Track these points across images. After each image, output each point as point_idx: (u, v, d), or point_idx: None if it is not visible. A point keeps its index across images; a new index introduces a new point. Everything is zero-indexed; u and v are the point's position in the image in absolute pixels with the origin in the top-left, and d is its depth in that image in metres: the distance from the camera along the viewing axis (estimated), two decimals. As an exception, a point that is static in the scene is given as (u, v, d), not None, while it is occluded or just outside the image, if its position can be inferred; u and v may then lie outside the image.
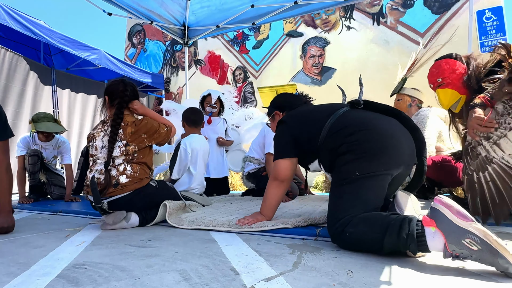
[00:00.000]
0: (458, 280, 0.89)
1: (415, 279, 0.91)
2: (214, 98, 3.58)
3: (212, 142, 3.48)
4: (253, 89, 6.88)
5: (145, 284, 0.90)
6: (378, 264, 1.05)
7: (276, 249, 1.25)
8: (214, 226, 1.68)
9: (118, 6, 3.87)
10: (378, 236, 1.11)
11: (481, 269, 0.98)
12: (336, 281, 0.90)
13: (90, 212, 2.30)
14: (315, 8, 4.02)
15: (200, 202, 2.35)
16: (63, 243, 1.42)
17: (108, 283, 0.92)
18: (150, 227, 1.80)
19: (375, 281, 0.89)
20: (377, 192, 1.31)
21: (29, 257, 1.19)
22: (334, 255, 1.15)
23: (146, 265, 1.07)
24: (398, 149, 1.34)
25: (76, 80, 5.60)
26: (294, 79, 6.45)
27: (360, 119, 1.43)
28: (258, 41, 6.97)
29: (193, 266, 1.06)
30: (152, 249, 1.30)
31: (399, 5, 5.78)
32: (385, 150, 1.32)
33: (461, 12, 5.31)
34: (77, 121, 5.58)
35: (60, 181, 3.50)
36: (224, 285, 0.88)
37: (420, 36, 5.55)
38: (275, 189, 1.61)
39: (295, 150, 1.57)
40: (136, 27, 8.40)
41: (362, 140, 1.35)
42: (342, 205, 1.28)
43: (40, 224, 1.97)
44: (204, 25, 4.61)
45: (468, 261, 0.95)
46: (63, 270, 1.04)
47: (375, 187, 1.31)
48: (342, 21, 6.20)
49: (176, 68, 7.83)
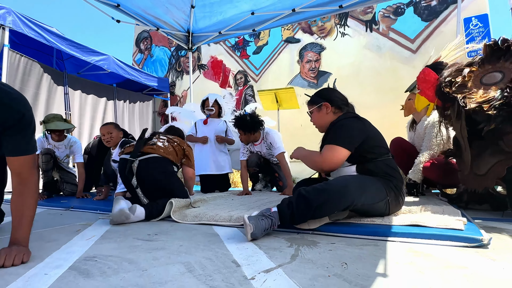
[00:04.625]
0: (448, 272, 0.89)
1: (406, 271, 0.91)
2: (211, 101, 3.61)
3: (212, 141, 3.50)
4: (253, 92, 6.88)
5: (152, 275, 0.90)
6: (371, 256, 1.05)
7: (274, 243, 1.25)
8: (216, 221, 1.68)
9: (126, 14, 3.87)
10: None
11: (474, 261, 0.98)
12: (332, 272, 0.90)
13: (100, 208, 2.31)
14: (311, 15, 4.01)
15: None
16: (74, 237, 1.42)
17: (117, 274, 0.92)
18: (156, 222, 1.80)
19: (368, 273, 0.89)
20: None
21: (42, 250, 1.19)
22: (330, 248, 1.15)
23: (152, 258, 1.07)
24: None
25: (86, 83, 5.60)
26: (292, 82, 6.45)
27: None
28: (258, 46, 6.96)
29: (197, 258, 1.06)
30: (159, 242, 1.30)
31: (391, 12, 5.78)
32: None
33: (449, 19, 5.31)
34: (88, 122, 5.58)
35: (72, 179, 3.50)
36: (226, 277, 0.88)
37: (411, 42, 5.55)
38: (314, 166, 1.66)
39: (355, 147, 1.56)
40: (143, 33, 8.40)
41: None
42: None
43: (53, 219, 1.97)
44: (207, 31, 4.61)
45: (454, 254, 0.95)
46: (75, 262, 1.04)
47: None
48: (337, 28, 6.20)
49: (181, 72, 7.83)
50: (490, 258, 1.01)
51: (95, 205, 2.46)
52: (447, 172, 2.27)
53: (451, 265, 0.95)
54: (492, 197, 1.96)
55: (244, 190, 3.04)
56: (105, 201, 2.75)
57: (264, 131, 3.18)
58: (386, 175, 1.53)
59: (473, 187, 1.78)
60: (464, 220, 1.37)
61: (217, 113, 3.65)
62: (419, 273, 0.88)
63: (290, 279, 0.85)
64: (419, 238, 1.24)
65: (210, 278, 0.87)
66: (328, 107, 1.76)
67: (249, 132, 3.04)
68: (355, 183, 1.42)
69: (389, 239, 1.26)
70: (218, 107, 3.65)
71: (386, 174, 1.53)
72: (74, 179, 3.50)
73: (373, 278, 0.85)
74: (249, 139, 3.11)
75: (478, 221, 1.59)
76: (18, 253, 1.03)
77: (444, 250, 1.10)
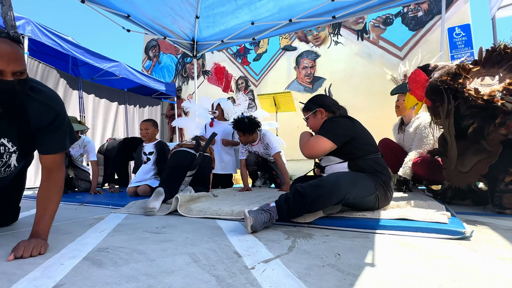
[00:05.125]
0: (433, 262, 0.89)
1: (395, 261, 0.91)
2: (214, 105, 3.64)
3: (218, 142, 3.49)
4: (254, 96, 6.88)
5: (160, 265, 0.90)
6: (362, 248, 1.05)
7: (273, 235, 1.25)
8: (219, 215, 1.68)
9: (136, 24, 3.87)
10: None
11: (457, 252, 0.98)
12: (326, 262, 0.90)
13: (112, 203, 2.31)
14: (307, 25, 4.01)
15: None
16: (88, 230, 1.42)
17: (128, 264, 0.92)
18: (163, 216, 1.80)
19: (360, 263, 0.89)
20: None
21: (58, 242, 1.19)
22: (324, 240, 1.15)
23: (160, 249, 1.07)
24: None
25: (100, 88, 5.59)
26: (289, 87, 6.44)
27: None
28: (258, 54, 6.96)
29: (202, 249, 1.06)
30: (166, 235, 1.30)
31: (380, 22, 5.78)
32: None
33: (434, 29, 5.31)
34: (100, 124, 5.57)
35: (86, 176, 3.50)
36: (228, 266, 0.88)
37: (399, 49, 5.55)
38: (300, 149, 1.68)
39: (341, 142, 1.57)
40: (151, 42, 8.39)
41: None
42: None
43: (68, 213, 1.97)
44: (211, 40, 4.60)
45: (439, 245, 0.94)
46: (89, 253, 1.04)
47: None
48: (331, 37, 6.19)
49: (187, 78, 7.82)
50: (472, 249, 1.01)
51: (107, 200, 2.46)
52: (433, 168, 2.26)
53: (436, 256, 0.95)
54: (474, 193, 1.96)
55: (245, 187, 3.04)
56: (116, 196, 2.75)
57: (261, 132, 3.18)
58: (375, 171, 1.53)
59: (457, 184, 1.78)
60: (448, 214, 1.37)
61: (221, 115, 3.65)
62: (407, 263, 0.88)
63: (288, 268, 0.85)
64: (407, 230, 1.24)
65: (213, 268, 0.87)
66: (323, 112, 1.79)
67: (247, 133, 3.05)
68: (346, 179, 1.42)
69: (379, 231, 1.26)
70: (221, 110, 3.65)
71: (375, 171, 1.53)
72: (87, 177, 3.50)
73: (364, 268, 0.85)
74: (247, 139, 3.12)
75: (461, 215, 1.59)
76: (36, 246, 1.03)
77: (430, 242, 1.10)
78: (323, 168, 1.73)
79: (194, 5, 4.01)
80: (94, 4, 3.31)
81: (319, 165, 1.80)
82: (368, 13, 3.62)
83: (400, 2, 3.45)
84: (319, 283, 0.75)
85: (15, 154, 1.19)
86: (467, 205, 1.97)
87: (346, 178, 1.43)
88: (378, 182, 1.50)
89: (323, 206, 1.36)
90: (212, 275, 0.81)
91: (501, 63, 1.56)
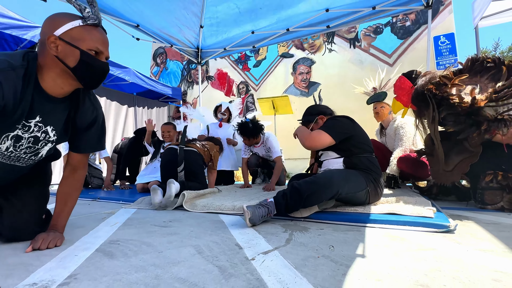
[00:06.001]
0: (420, 253, 0.89)
1: (384, 252, 0.91)
2: (224, 107, 3.66)
3: (223, 141, 3.50)
4: (253, 100, 6.88)
5: (167, 256, 0.90)
6: (354, 240, 1.05)
7: (271, 229, 1.25)
8: (221, 210, 1.68)
9: (145, 33, 3.87)
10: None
11: (442, 244, 0.98)
12: (321, 254, 0.90)
13: (122, 198, 2.31)
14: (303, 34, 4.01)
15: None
16: (100, 224, 1.42)
17: (137, 255, 0.92)
18: (170, 211, 1.80)
19: (352, 254, 0.89)
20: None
21: (73, 235, 1.19)
22: (319, 233, 1.15)
23: (167, 241, 1.07)
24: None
25: (110, 92, 5.59)
26: (287, 91, 6.44)
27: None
28: (258, 61, 6.96)
29: (205, 242, 1.06)
30: (172, 228, 1.30)
31: (371, 32, 5.78)
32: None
33: (421, 37, 5.31)
34: (111, 125, 5.57)
35: (98, 174, 3.50)
36: (230, 257, 0.88)
37: (388, 57, 5.55)
38: (301, 141, 1.68)
39: (340, 139, 1.59)
40: (159, 49, 8.38)
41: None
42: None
43: (82, 208, 1.97)
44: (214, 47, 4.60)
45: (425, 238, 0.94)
46: (101, 245, 1.04)
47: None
48: (325, 45, 6.19)
49: (192, 83, 7.82)
50: (456, 242, 1.01)
51: (118, 196, 2.46)
52: (416, 164, 2.28)
53: (422, 248, 0.95)
54: (458, 190, 1.96)
55: (246, 184, 3.04)
56: (127, 193, 2.75)
57: (264, 136, 3.17)
58: (367, 169, 1.54)
59: (442, 181, 1.79)
60: (434, 209, 1.37)
61: (228, 118, 3.68)
62: (395, 254, 0.89)
63: (285, 259, 0.85)
64: (395, 224, 1.24)
65: (216, 259, 0.87)
66: (323, 117, 1.82)
67: (252, 137, 3.04)
68: (339, 175, 1.43)
69: (370, 225, 1.26)
70: (229, 113, 3.68)
71: (367, 168, 1.54)
72: (100, 174, 3.50)
73: (356, 259, 0.85)
74: (251, 142, 3.12)
75: (446, 210, 1.59)
76: (53, 239, 1.02)
77: (417, 235, 1.10)
78: (321, 163, 1.75)
79: (198, 15, 4.01)
80: (107, 14, 3.31)
81: (318, 159, 1.81)
82: (360, 23, 3.63)
83: (389, 12, 3.46)
84: (314, 273, 0.75)
85: (51, 144, 1.05)
86: (451, 200, 1.97)
87: (339, 174, 1.44)
88: (369, 179, 1.50)
89: (318, 201, 1.36)
90: (215, 266, 0.81)
91: (482, 72, 1.56)
